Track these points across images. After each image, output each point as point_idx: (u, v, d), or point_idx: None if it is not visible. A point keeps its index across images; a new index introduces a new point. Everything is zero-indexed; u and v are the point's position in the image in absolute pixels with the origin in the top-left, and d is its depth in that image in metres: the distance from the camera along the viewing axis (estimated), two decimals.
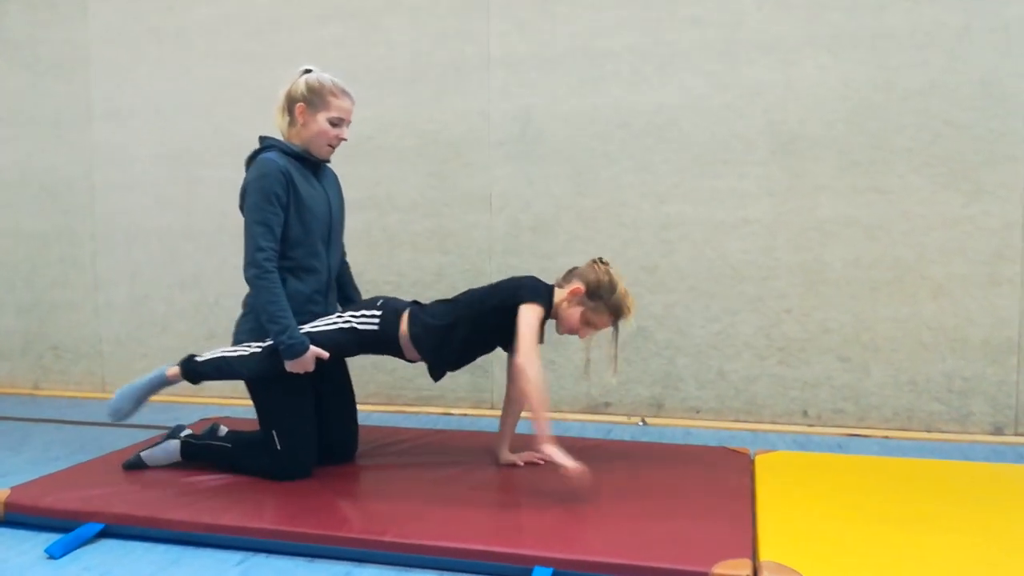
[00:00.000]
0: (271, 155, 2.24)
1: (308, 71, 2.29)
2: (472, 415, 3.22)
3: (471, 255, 3.25)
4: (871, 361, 2.91)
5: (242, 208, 2.25)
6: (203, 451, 2.35)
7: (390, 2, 3.28)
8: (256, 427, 2.32)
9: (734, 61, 2.98)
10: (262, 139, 2.33)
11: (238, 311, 2.38)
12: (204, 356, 2.30)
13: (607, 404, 3.18)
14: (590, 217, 3.13)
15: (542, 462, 2.28)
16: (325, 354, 2.19)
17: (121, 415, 2.30)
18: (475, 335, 2.21)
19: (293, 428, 2.25)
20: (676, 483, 2.19)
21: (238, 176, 2.32)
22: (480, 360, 3.26)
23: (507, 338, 2.18)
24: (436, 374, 2.27)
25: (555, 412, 3.13)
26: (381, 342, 2.22)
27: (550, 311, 2.20)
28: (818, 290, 2.94)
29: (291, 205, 2.22)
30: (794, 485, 2.15)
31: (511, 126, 3.19)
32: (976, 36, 2.77)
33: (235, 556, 1.86)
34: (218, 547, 1.90)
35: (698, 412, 3.09)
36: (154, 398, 2.37)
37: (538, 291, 2.17)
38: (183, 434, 2.41)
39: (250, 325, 2.30)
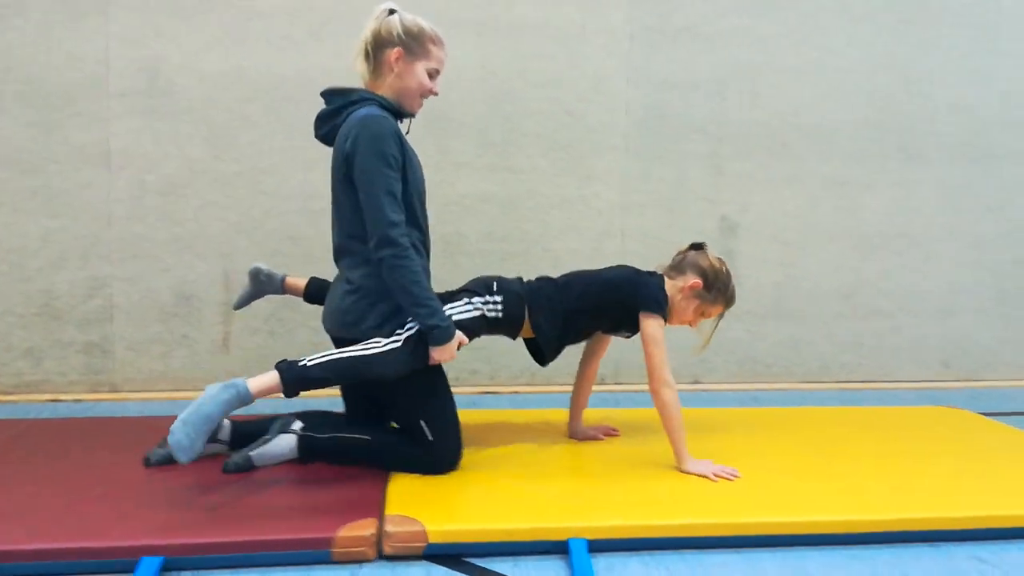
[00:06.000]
0: (377, 112, 1.96)
1: (393, 11, 2.02)
2: (88, 400, 2.85)
3: (86, 220, 2.85)
4: None
5: (346, 176, 1.95)
6: (330, 445, 2.01)
7: None
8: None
9: None
10: (346, 91, 2.02)
11: None
12: (313, 360, 1.92)
13: None
14: (228, 183, 2.94)
15: (617, 432, 2.40)
16: (467, 340, 2.05)
17: (194, 452, 1.78)
18: (593, 324, 2.24)
19: (442, 416, 2.07)
20: None
21: None
22: (97, 339, 2.91)
23: (615, 326, 2.25)
24: (547, 361, 2.22)
25: (194, 391, 2.90)
26: (501, 328, 2.16)
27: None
28: (457, 260, 3.12)
29: (406, 169, 1.98)
30: None
31: (136, 77, 2.84)
32: (590, 37, 3.14)
33: None
34: None
35: None
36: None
37: (659, 299, 2.15)
38: (296, 427, 2.00)
39: (380, 310, 1.98)
